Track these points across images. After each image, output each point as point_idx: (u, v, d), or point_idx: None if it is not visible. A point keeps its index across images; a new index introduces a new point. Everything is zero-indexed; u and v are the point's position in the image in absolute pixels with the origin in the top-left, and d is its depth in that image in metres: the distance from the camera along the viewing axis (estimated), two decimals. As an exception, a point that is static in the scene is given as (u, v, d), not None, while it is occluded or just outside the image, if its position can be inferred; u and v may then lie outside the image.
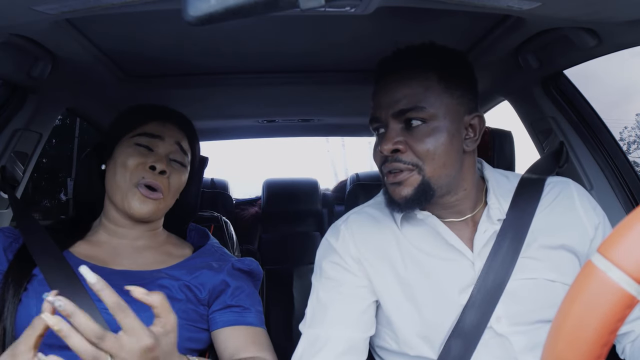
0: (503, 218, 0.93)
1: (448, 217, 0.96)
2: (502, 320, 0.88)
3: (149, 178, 1.03)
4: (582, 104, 1.31)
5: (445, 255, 0.93)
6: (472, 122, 0.93)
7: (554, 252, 0.92)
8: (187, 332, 0.99)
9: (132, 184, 1.03)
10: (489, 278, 0.88)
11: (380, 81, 0.95)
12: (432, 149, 0.88)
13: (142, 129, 1.08)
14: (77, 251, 1.04)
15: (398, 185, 0.90)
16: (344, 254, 0.96)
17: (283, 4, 0.49)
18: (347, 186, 2.88)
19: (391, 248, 0.96)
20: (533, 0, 0.79)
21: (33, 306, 0.92)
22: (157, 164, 1.04)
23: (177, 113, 1.16)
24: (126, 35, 1.16)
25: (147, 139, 1.08)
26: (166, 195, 1.06)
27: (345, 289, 0.94)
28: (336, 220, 1.05)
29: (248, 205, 2.99)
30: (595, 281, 0.38)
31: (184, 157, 1.12)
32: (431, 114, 0.88)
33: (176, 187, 1.10)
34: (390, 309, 0.93)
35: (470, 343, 0.87)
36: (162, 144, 1.08)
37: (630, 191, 1.24)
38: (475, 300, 0.88)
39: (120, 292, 0.97)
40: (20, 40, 0.99)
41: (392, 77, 0.92)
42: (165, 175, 1.05)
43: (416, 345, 0.92)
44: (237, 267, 1.09)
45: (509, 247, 0.90)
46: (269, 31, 1.16)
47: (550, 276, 0.90)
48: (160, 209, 1.07)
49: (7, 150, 1.26)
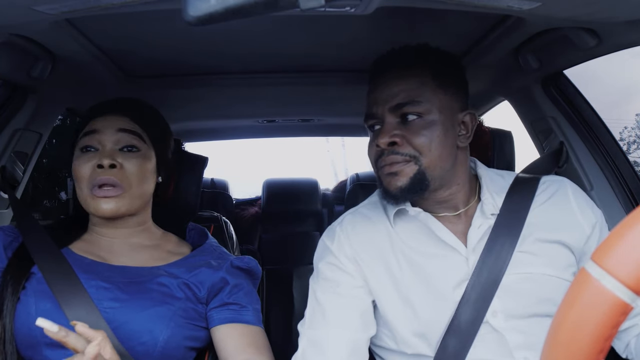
0: (497, 213, 0.94)
1: (441, 212, 0.96)
2: (498, 315, 0.89)
3: (100, 177, 0.99)
4: (582, 104, 1.31)
5: (439, 252, 0.94)
6: (465, 120, 0.96)
7: (549, 247, 0.93)
8: (187, 330, 0.99)
9: (88, 192, 1.00)
10: (483, 273, 0.89)
11: (376, 79, 0.96)
12: (428, 142, 0.90)
13: (82, 132, 1.05)
14: (76, 247, 1.04)
15: (394, 175, 0.91)
16: (339, 255, 0.97)
17: (283, 4, 0.49)
18: (347, 186, 2.88)
19: (385, 248, 0.96)
20: (533, 0, 0.79)
21: (32, 305, 0.92)
22: (103, 160, 0.99)
23: (115, 100, 1.10)
24: (126, 35, 1.16)
25: (86, 139, 1.03)
26: (127, 186, 1.01)
27: (342, 289, 0.95)
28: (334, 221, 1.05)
29: (248, 205, 2.99)
30: (589, 289, 0.38)
31: (134, 139, 1.04)
32: (427, 109, 0.91)
33: (137, 174, 1.02)
34: (386, 308, 0.94)
35: (467, 339, 0.88)
36: (102, 137, 1.02)
37: (630, 191, 1.24)
38: (469, 296, 0.89)
39: (118, 288, 0.98)
40: (20, 40, 0.99)
41: (389, 74, 0.94)
42: (117, 168, 1.00)
43: (413, 343, 0.92)
44: (235, 265, 1.09)
45: (504, 242, 0.91)
46: (269, 31, 1.16)
47: (546, 271, 0.91)
48: (128, 202, 1.02)
49: (7, 150, 1.26)
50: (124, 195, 1.00)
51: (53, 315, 0.89)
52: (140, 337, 0.93)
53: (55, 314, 0.90)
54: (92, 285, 0.95)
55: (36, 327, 0.87)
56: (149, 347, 0.93)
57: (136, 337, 0.93)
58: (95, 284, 0.96)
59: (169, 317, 0.96)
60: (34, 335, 0.89)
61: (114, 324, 0.91)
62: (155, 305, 0.96)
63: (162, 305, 0.97)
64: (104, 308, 0.93)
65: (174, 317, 0.97)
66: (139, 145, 1.04)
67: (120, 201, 1.00)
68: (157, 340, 0.94)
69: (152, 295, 0.98)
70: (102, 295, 0.95)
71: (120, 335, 0.91)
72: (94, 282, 0.96)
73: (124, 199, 1.01)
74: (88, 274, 0.97)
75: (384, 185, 0.93)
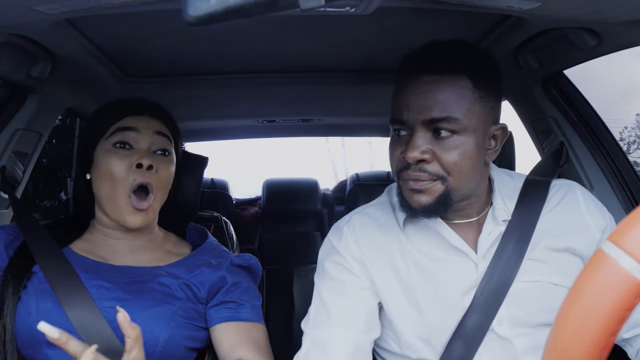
0: (508, 219, 0.92)
1: (454, 219, 0.94)
2: (504, 323, 0.88)
3: (140, 178, 0.99)
4: (582, 104, 1.31)
5: (449, 257, 0.92)
6: (496, 133, 0.90)
7: (559, 255, 0.91)
8: (187, 330, 0.99)
9: (123, 193, 0.99)
10: (493, 280, 0.87)
11: (408, 79, 0.86)
12: (459, 162, 0.83)
13: (116, 126, 1.03)
14: (76, 247, 1.04)
15: (418, 192, 0.86)
16: (346, 255, 0.95)
17: (283, 4, 0.49)
18: (347, 186, 2.88)
19: (394, 251, 0.95)
20: (533, 0, 0.79)
21: (32, 304, 0.92)
22: (143, 159, 0.98)
23: (149, 102, 1.09)
24: (126, 35, 1.16)
25: (123, 134, 1.02)
26: (157, 193, 1.02)
27: (347, 289, 0.93)
28: (337, 221, 1.04)
29: (248, 205, 2.99)
30: (606, 269, 0.38)
31: (167, 144, 1.06)
32: (463, 126, 0.83)
33: (166, 181, 1.05)
34: (392, 311, 0.93)
35: (472, 345, 0.87)
36: (140, 137, 1.02)
37: (630, 191, 1.24)
38: (478, 302, 0.87)
39: (119, 288, 0.97)
40: (20, 40, 0.99)
41: (425, 79, 0.84)
42: (154, 170, 1.01)
43: (418, 348, 0.91)
44: (235, 262, 1.09)
45: (514, 249, 0.89)
46: (269, 31, 1.16)
47: (554, 280, 0.89)
48: (153, 214, 1.05)
49: (7, 150, 1.26)
50: (152, 205, 1.02)
51: (54, 315, 0.89)
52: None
53: (56, 313, 0.90)
54: (93, 285, 0.95)
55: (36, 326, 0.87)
56: (150, 347, 0.93)
57: None
58: (96, 283, 0.96)
59: (169, 317, 0.96)
60: (35, 335, 0.89)
61: (114, 323, 0.91)
62: (156, 305, 0.96)
63: (162, 305, 0.97)
64: (105, 307, 0.93)
65: (174, 317, 0.97)
66: (170, 150, 1.07)
67: (148, 215, 1.02)
68: (158, 340, 0.94)
69: (153, 295, 0.98)
70: (102, 295, 0.95)
71: (120, 335, 0.90)
72: (95, 282, 0.96)
73: (151, 212, 1.03)
74: (89, 273, 0.97)
75: (405, 198, 0.89)
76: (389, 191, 1.04)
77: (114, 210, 1.01)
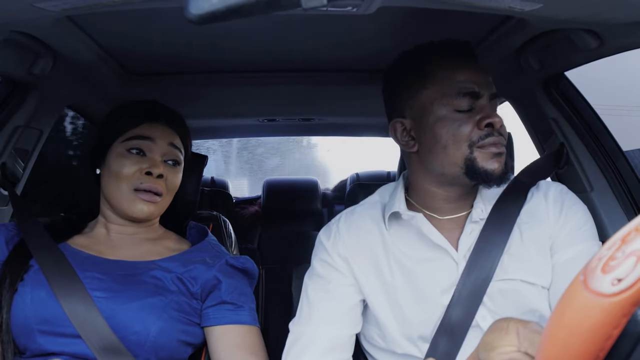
0: (485, 217, 0.94)
1: (442, 214, 0.96)
2: (488, 318, 0.89)
3: (147, 183, 1.04)
4: (583, 106, 1.30)
5: (431, 255, 0.94)
6: None
7: (534, 254, 0.93)
8: (180, 324, 1.00)
9: (129, 191, 1.04)
10: (470, 279, 0.89)
11: (464, 59, 0.95)
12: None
13: (132, 132, 1.07)
14: (74, 243, 1.06)
15: (500, 156, 0.91)
16: (332, 253, 0.98)
17: (285, 3, 0.49)
18: (347, 186, 2.88)
19: (378, 250, 0.97)
20: (535, 2, 0.79)
21: (27, 293, 0.94)
22: (153, 169, 1.04)
23: (166, 110, 1.14)
24: (128, 32, 1.16)
25: (138, 142, 1.06)
26: (165, 195, 1.08)
27: (332, 286, 0.96)
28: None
29: (248, 204, 2.99)
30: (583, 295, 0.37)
31: (179, 155, 1.12)
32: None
33: (173, 186, 1.11)
34: (376, 309, 0.95)
35: (457, 339, 0.88)
36: (155, 147, 1.08)
37: (630, 193, 1.24)
38: (459, 297, 0.89)
39: (112, 279, 0.99)
40: (22, 37, 0.99)
41: (476, 63, 0.96)
42: (163, 178, 1.06)
43: (403, 344, 0.93)
44: (230, 263, 1.09)
45: (491, 247, 0.91)
46: (271, 30, 1.16)
47: (529, 279, 0.91)
48: (161, 208, 1.09)
49: (8, 147, 1.26)
50: (160, 202, 1.07)
51: (47, 303, 0.92)
52: (133, 327, 0.94)
53: (49, 302, 0.92)
54: (87, 276, 0.97)
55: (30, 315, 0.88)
56: (141, 337, 0.94)
57: (129, 327, 0.94)
58: (90, 275, 0.98)
59: (161, 307, 0.97)
60: (28, 323, 0.91)
61: (106, 312, 0.93)
62: (148, 296, 0.98)
63: (154, 296, 0.98)
64: (97, 297, 0.95)
65: (166, 308, 0.98)
66: (180, 160, 1.13)
67: (156, 207, 1.07)
68: (149, 330, 0.95)
69: (145, 287, 0.99)
70: (95, 285, 0.96)
71: (112, 325, 0.92)
72: (89, 274, 0.98)
73: (160, 206, 1.07)
74: (84, 265, 0.99)
75: (485, 168, 0.89)
76: (380, 191, 1.06)
77: (120, 202, 1.04)
